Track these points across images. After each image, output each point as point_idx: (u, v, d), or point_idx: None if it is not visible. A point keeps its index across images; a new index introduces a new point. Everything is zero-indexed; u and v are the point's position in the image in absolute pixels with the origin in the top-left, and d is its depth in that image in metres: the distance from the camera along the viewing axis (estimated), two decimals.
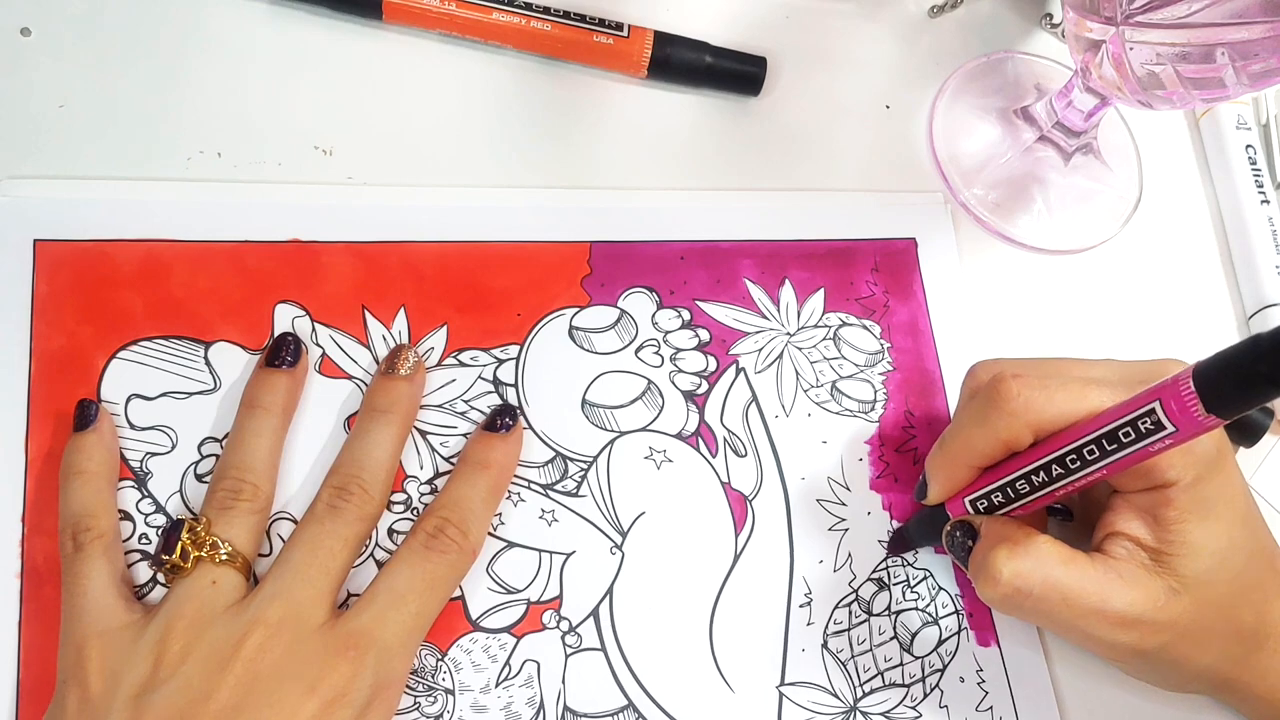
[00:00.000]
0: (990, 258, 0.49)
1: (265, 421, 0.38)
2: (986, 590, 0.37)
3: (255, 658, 0.33)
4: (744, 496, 0.42)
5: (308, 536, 0.36)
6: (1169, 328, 0.49)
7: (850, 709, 0.40)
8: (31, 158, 0.42)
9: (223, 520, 0.36)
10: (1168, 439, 0.32)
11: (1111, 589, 0.36)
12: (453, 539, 0.37)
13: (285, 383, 0.39)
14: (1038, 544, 0.36)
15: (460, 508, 0.38)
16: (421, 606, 0.36)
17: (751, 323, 0.45)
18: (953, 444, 0.39)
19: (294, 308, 0.41)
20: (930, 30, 0.53)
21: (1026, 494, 0.37)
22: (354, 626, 0.35)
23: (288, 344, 0.39)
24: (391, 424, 0.38)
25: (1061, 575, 0.36)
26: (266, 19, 0.46)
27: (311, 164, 0.44)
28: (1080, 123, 0.48)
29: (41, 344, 0.39)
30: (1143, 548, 0.37)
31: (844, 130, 0.50)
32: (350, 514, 0.37)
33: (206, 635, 0.34)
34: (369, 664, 0.34)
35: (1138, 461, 0.34)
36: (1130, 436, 0.33)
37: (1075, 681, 0.42)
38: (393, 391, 0.39)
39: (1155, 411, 0.32)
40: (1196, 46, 0.38)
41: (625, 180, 0.47)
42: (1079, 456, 0.35)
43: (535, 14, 0.46)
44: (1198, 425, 0.31)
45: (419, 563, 0.37)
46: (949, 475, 0.39)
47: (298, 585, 0.35)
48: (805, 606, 0.41)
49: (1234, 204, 0.52)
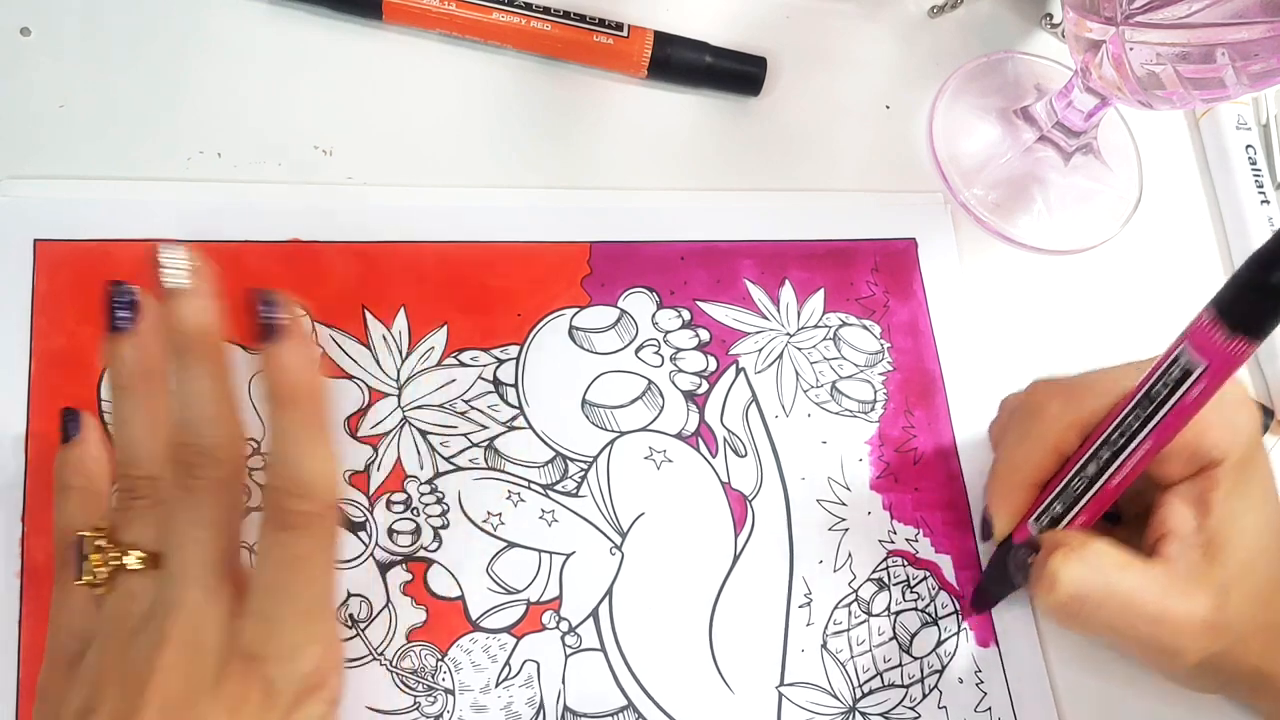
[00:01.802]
0: (990, 258, 0.49)
1: (128, 402, 0.33)
2: (1044, 599, 0.36)
3: (166, 680, 0.30)
4: (744, 497, 0.42)
5: (173, 533, 0.32)
6: (1169, 328, 0.49)
7: (849, 709, 0.40)
8: (31, 158, 0.42)
9: (125, 525, 0.33)
10: (1202, 379, 0.32)
11: (1173, 593, 0.35)
12: (298, 509, 0.31)
13: (133, 347, 0.33)
14: (1094, 547, 0.36)
15: (288, 469, 0.31)
16: (303, 592, 0.32)
17: (751, 323, 0.45)
18: (1005, 469, 0.39)
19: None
20: (930, 30, 0.53)
21: (1083, 492, 0.36)
22: (246, 637, 0.31)
23: (122, 294, 0.33)
24: (197, 362, 0.32)
25: (1120, 580, 0.35)
26: (266, 19, 0.46)
27: (311, 164, 0.44)
28: (1080, 123, 0.48)
29: (42, 343, 0.39)
30: (1193, 544, 0.36)
31: (844, 130, 0.50)
32: (205, 490, 0.32)
33: (125, 656, 0.31)
34: (276, 671, 0.31)
35: (1183, 419, 0.33)
36: (1166, 389, 0.33)
37: (1074, 682, 0.42)
38: (181, 322, 0.32)
39: (1184, 353, 0.32)
40: (1196, 47, 0.38)
41: (625, 180, 0.47)
42: (1122, 430, 0.35)
43: (535, 14, 0.46)
44: (1225, 354, 0.31)
45: (277, 549, 0.31)
46: (1010, 501, 0.39)
47: (186, 590, 0.31)
48: (805, 607, 0.41)
49: (1234, 204, 0.52)
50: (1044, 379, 0.38)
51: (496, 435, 0.41)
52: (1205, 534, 0.36)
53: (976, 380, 0.46)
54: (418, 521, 0.40)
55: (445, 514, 0.40)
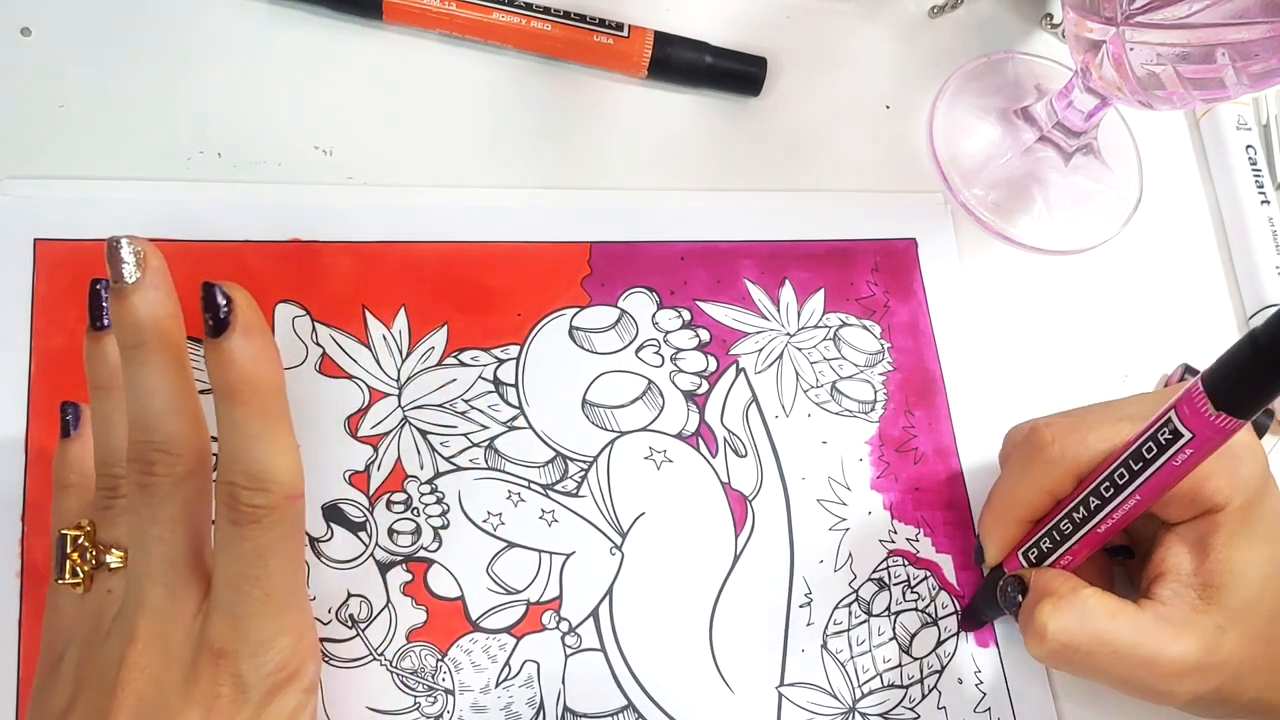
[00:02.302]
0: (990, 258, 0.49)
1: (109, 403, 0.34)
2: (1034, 648, 0.36)
3: (135, 678, 0.30)
4: (744, 497, 0.42)
5: (133, 532, 0.32)
6: (1169, 328, 0.50)
7: (849, 710, 0.40)
8: (31, 158, 0.42)
9: (105, 521, 0.33)
10: (1188, 447, 0.32)
11: (1162, 638, 0.35)
12: (253, 504, 0.30)
13: (107, 346, 0.33)
14: (1083, 597, 0.36)
15: (241, 462, 0.31)
16: (266, 586, 0.31)
17: (752, 323, 0.45)
18: (999, 502, 0.39)
19: (294, 307, 0.41)
20: (930, 30, 0.53)
21: (1071, 533, 0.37)
22: (213, 633, 0.31)
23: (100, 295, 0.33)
24: (149, 358, 0.31)
25: (1109, 628, 0.35)
26: (266, 19, 0.46)
27: (311, 164, 0.44)
28: (1080, 123, 0.48)
29: (42, 343, 0.39)
30: (1190, 585, 0.36)
31: (844, 130, 0.50)
32: (163, 487, 0.31)
33: (98, 655, 0.31)
34: (245, 666, 0.31)
35: (1171, 481, 0.33)
36: (1153, 451, 0.33)
37: (1073, 683, 0.42)
38: (129, 315, 0.31)
39: (1171, 420, 0.32)
40: (1197, 47, 0.38)
41: (625, 180, 0.47)
42: (1111, 483, 0.35)
43: (535, 14, 0.46)
44: (1212, 427, 0.31)
45: (236, 544, 0.31)
46: (1001, 533, 0.39)
47: (149, 589, 0.31)
48: (805, 607, 0.41)
49: (1234, 204, 0.52)
50: (1048, 418, 0.38)
51: (497, 435, 0.41)
52: (1203, 576, 0.36)
53: (977, 380, 0.46)
54: (418, 521, 0.40)
55: (445, 514, 0.40)
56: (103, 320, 0.33)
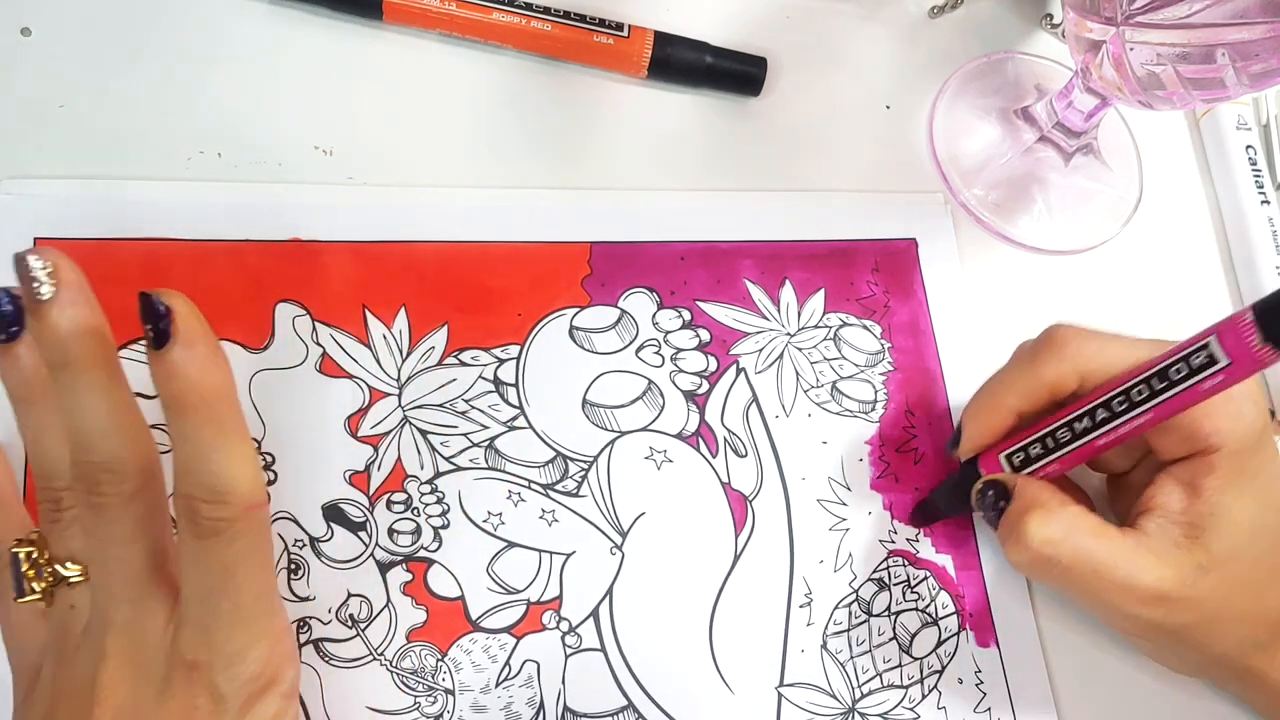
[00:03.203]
0: (991, 258, 0.49)
1: (34, 415, 0.32)
2: (1014, 554, 0.37)
3: (112, 695, 0.30)
4: (744, 497, 0.42)
5: (92, 552, 0.31)
6: (1169, 328, 0.49)
7: (849, 710, 0.40)
8: (31, 158, 0.42)
9: (55, 536, 0.31)
10: (1221, 373, 0.32)
11: (1141, 563, 0.36)
12: (213, 515, 0.29)
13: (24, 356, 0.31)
14: (1071, 512, 0.36)
15: (197, 475, 0.29)
16: (234, 598, 0.30)
17: (752, 323, 0.45)
18: (994, 387, 0.39)
19: (294, 307, 0.41)
20: (930, 30, 0.53)
21: (1066, 443, 0.37)
22: (184, 646, 0.30)
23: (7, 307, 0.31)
24: (79, 377, 0.30)
25: (1093, 546, 0.36)
26: (266, 19, 0.46)
27: (311, 164, 0.44)
28: (1080, 123, 0.48)
29: None
30: (1176, 523, 0.37)
31: (844, 130, 0.50)
32: (114, 507, 0.30)
33: (69, 672, 0.31)
34: (220, 677, 0.30)
35: (1186, 404, 0.33)
36: (1181, 373, 0.33)
37: (1074, 683, 0.42)
38: (51, 334, 0.29)
39: (1210, 345, 0.32)
40: (1197, 47, 0.38)
41: (625, 180, 0.47)
42: (1127, 398, 0.35)
43: (535, 14, 0.46)
44: (1252, 357, 0.31)
45: (200, 558, 0.30)
46: (987, 419, 0.39)
47: (114, 608, 0.30)
48: (805, 607, 0.41)
49: (1234, 204, 0.52)
50: (1067, 323, 0.38)
51: (497, 435, 0.41)
52: (1190, 516, 0.37)
53: (977, 380, 0.46)
54: (418, 521, 0.40)
55: (445, 514, 0.40)
56: (5, 330, 0.31)
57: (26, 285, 0.29)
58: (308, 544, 0.38)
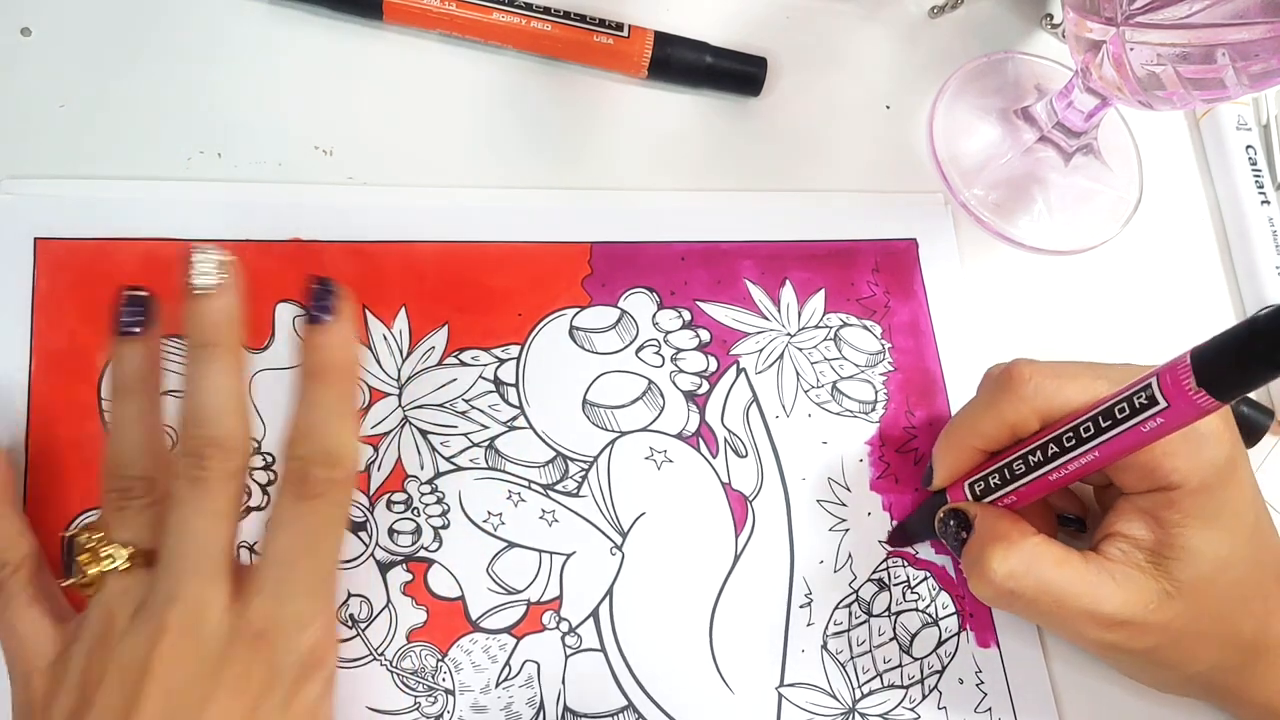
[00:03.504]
0: (991, 258, 0.49)
1: (129, 407, 0.34)
2: (979, 588, 0.37)
3: (166, 673, 0.31)
4: (744, 497, 0.42)
5: (177, 524, 0.32)
6: (1169, 328, 0.49)
7: (849, 710, 0.40)
8: (31, 158, 0.42)
9: (118, 524, 0.33)
10: (1159, 416, 0.32)
11: (1103, 591, 0.36)
12: (320, 477, 0.32)
13: (140, 351, 0.34)
14: (1032, 544, 0.37)
15: (315, 437, 0.32)
16: (314, 565, 0.33)
17: (752, 323, 0.45)
18: (959, 426, 0.39)
19: (295, 307, 0.41)
20: (930, 30, 0.53)
21: (1022, 474, 0.37)
22: (253, 614, 0.32)
23: (136, 302, 0.34)
24: (218, 358, 0.33)
25: (1054, 577, 0.36)
26: (266, 19, 0.46)
27: (311, 164, 0.44)
28: (1080, 123, 0.48)
29: (42, 343, 0.39)
30: (1139, 549, 0.37)
31: (844, 130, 0.50)
32: (214, 482, 0.32)
33: (116, 653, 0.31)
34: (281, 647, 0.32)
35: (1133, 445, 0.34)
36: (1125, 412, 0.33)
37: (1074, 683, 0.42)
38: (204, 317, 0.33)
39: (1151, 386, 0.32)
40: (1197, 47, 0.38)
41: (625, 181, 0.47)
42: (1075, 435, 0.35)
43: (535, 14, 0.46)
44: (1188, 402, 0.31)
45: (295, 519, 0.32)
46: (954, 458, 0.40)
47: (185, 581, 0.32)
48: (805, 607, 0.41)
49: (1234, 204, 0.52)
50: (1030, 359, 0.38)
51: (497, 435, 0.41)
52: (1153, 546, 0.37)
53: (977, 380, 0.46)
54: (418, 521, 0.40)
55: (446, 514, 0.40)
56: (133, 328, 0.34)
57: (197, 273, 0.33)
58: None
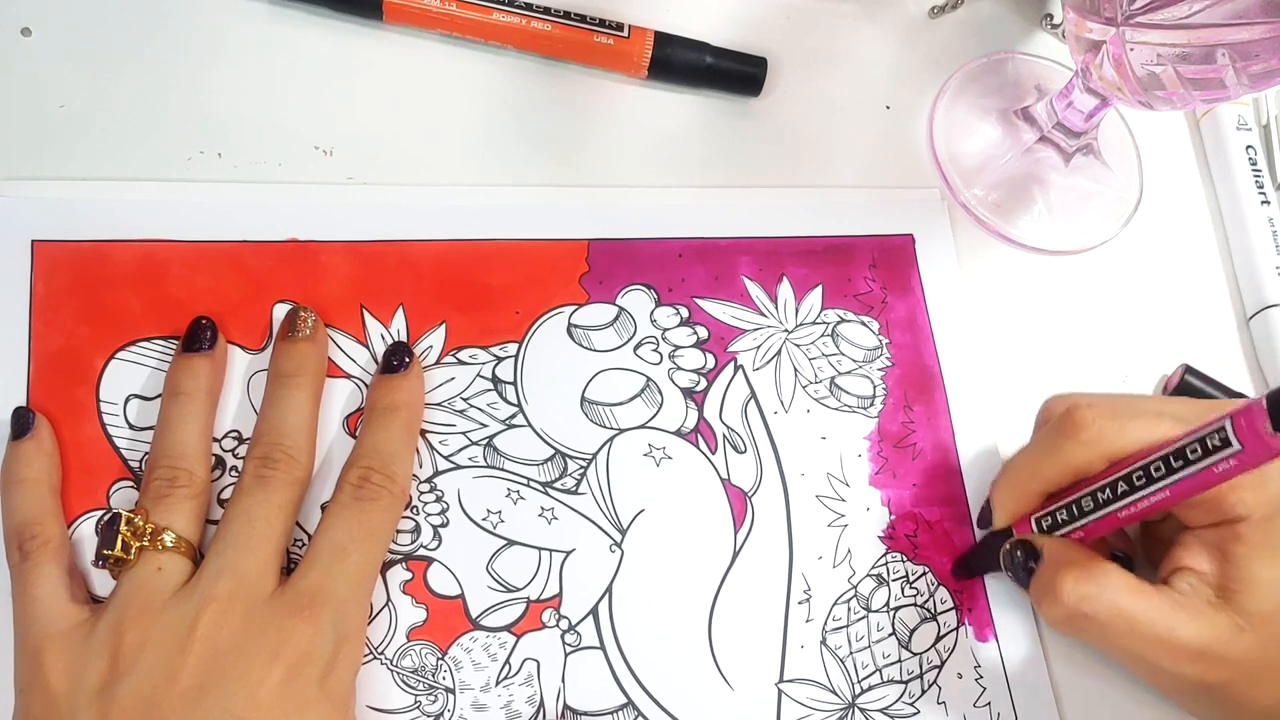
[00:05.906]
0: (990, 258, 0.49)
1: (190, 407, 0.38)
2: (1050, 611, 0.37)
3: (212, 635, 0.33)
4: (743, 493, 0.42)
5: (242, 509, 0.36)
6: (1169, 328, 0.49)
7: (849, 706, 0.40)
8: (31, 158, 0.42)
9: (160, 509, 0.36)
10: (1233, 458, 0.32)
11: (1179, 619, 0.36)
12: (379, 484, 0.37)
13: (205, 366, 0.38)
14: (1105, 570, 0.36)
15: (380, 454, 0.38)
16: (364, 555, 0.36)
17: (750, 320, 0.45)
18: (1021, 471, 0.39)
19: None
20: (930, 30, 0.53)
21: (1090, 511, 0.37)
22: (304, 586, 0.35)
23: (204, 328, 0.39)
24: (302, 387, 0.39)
25: (1128, 603, 0.36)
26: (266, 19, 0.46)
27: (311, 164, 0.44)
28: (1080, 123, 0.48)
29: (40, 344, 0.39)
30: (1208, 584, 0.37)
31: (844, 130, 0.50)
32: (279, 482, 0.37)
33: (160, 621, 0.33)
34: (326, 619, 0.34)
35: (1203, 485, 0.33)
36: (1197, 454, 0.33)
37: (1073, 677, 0.42)
38: (296, 354, 0.39)
39: (1225, 429, 0.32)
40: (1197, 47, 0.38)
41: (625, 182, 0.47)
42: (1145, 474, 0.35)
43: (535, 14, 0.46)
44: (1265, 446, 0.31)
45: (353, 514, 0.37)
46: (1015, 501, 0.40)
47: (241, 557, 0.35)
48: (804, 603, 0.41)
49: (1234, 204, 0.52)
50: (1090, 397, 0.38)
51: (496, 433, 0.41)
52: (1221, 580, 0.37)
53: (975, 375, 0.46)
54: (417, 520, 0.40)
55: (445, 512, 0.40)
56: (203, 345, 0.39)
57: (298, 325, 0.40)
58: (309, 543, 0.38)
